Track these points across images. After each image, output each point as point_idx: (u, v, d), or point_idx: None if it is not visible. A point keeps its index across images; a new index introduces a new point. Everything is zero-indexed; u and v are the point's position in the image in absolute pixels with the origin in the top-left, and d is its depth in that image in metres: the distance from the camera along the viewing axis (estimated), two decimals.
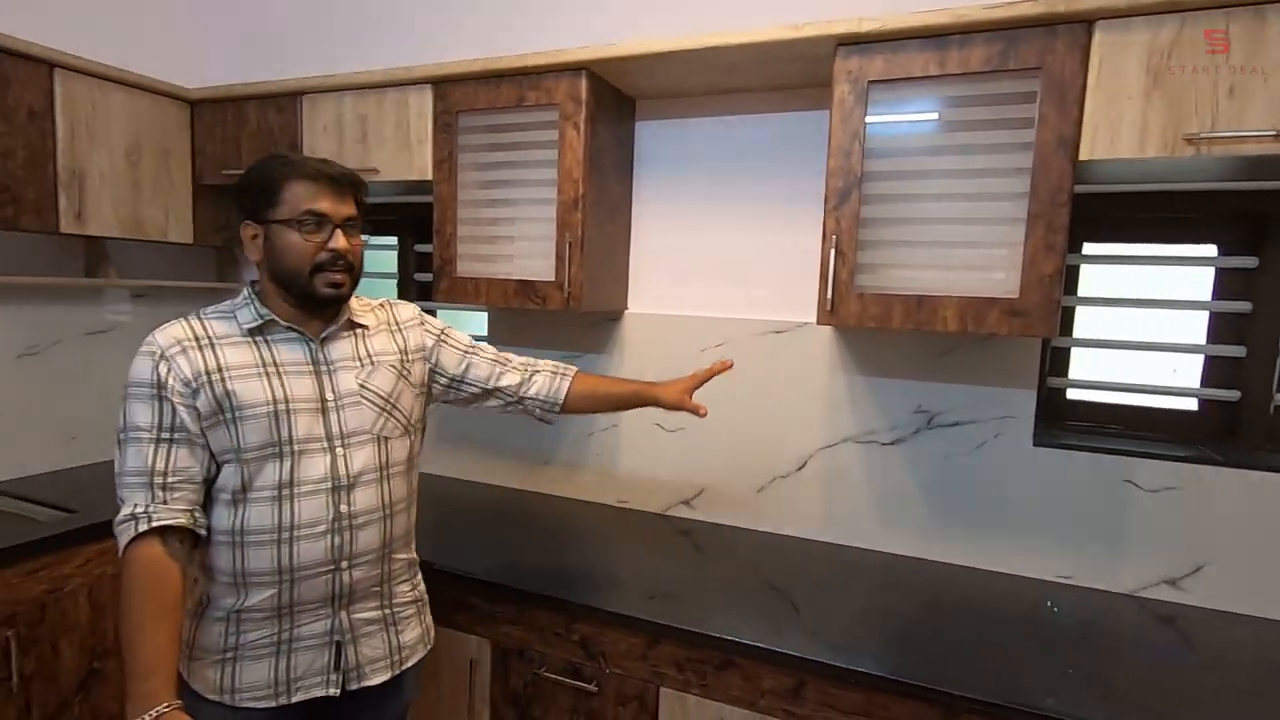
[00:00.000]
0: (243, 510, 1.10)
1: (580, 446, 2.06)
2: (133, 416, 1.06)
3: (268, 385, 1.11)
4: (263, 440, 1.09)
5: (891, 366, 1.72)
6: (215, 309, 1.17)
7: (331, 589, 1.15)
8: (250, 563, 1.10)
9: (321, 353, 1.17)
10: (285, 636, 1.13)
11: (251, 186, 1.12)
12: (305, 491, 1.12)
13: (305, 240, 1.10)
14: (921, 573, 1.64)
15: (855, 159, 1.42)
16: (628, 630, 1.39)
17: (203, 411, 1.07)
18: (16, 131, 1.75)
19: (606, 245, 1.83)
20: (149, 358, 1.07)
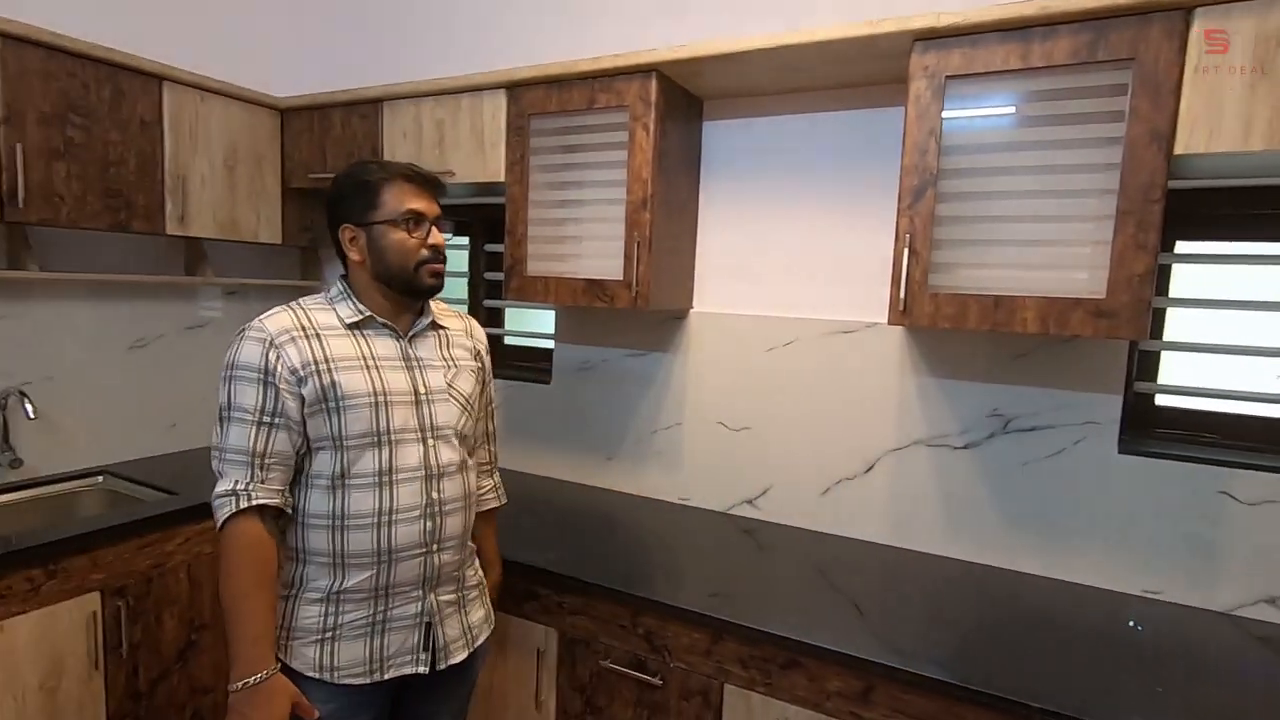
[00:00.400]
0: (343, 495, 1.15)
1: (643, 443, 2.09)
2: (239, 397, 1.11)
3: (368, 377, 1.17)
4: (364, 429, 1.15)
5: (965, 368, 1.68)
6: (313, 300, 1.22)
7: (423, 571, 1.21)
8: (351, 545, 1.16)
9: (410, 348, 1.24)
10: (380, 617, 1.19)
11: (349, 192, 1.19)
12: (403, 479, 1.18)
13: (410, 237, 1.19)
14: (994, 581, 1.59)
15: (931, 156, 1.40)
16: (691, 625, 1.41)
17: (307, 399, 1.13)
18: (130, 141, 1.89)
19: (673, 244, 1.85)
20: (259, 343, 1.12)
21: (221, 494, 1.10)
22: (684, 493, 2.04)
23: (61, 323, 2.03)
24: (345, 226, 1.19)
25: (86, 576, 1.63)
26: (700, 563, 1.65)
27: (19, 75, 1.67)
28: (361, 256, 1.20)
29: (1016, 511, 1.64)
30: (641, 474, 2.10)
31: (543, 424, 2.25)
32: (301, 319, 1.17)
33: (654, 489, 2.08)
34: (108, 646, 1.68)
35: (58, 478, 2.02)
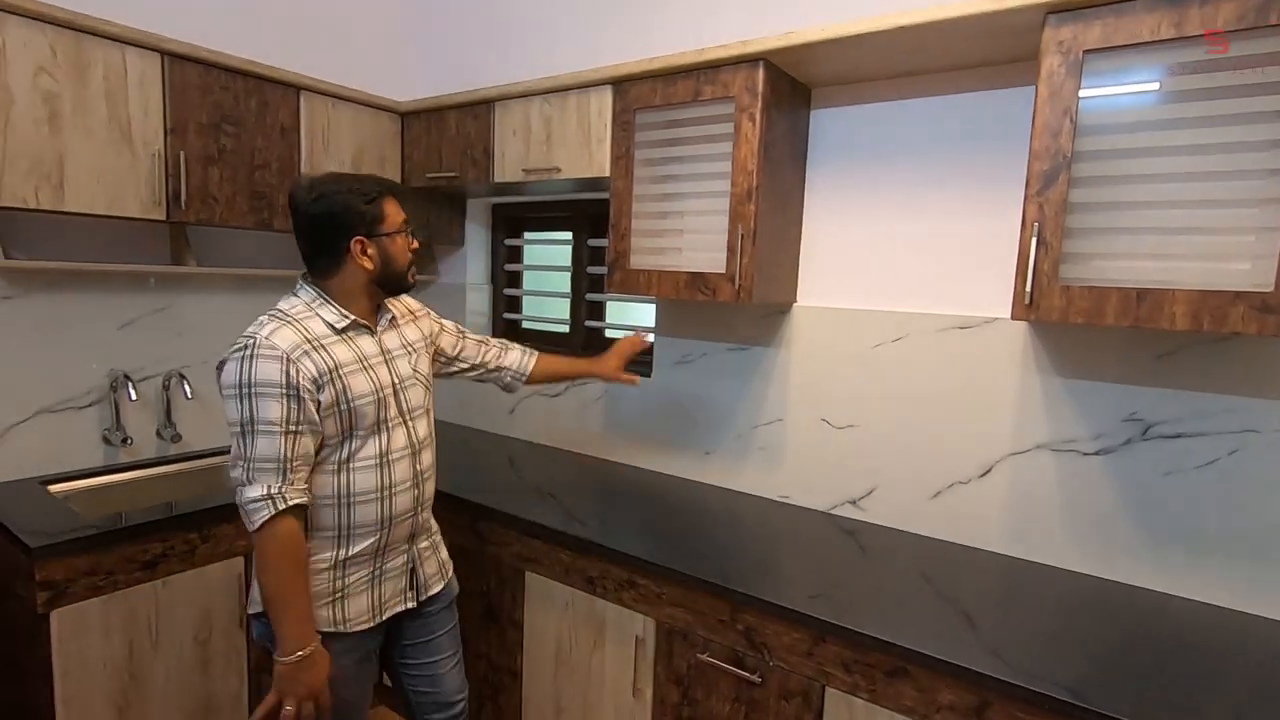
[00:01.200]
0: (348, 476, 1.32)
1: (744, 439, 2.06)
2: (264, 412, 1.20)
3: (368, 377, 1.33)
4: (371, 421, 1.33)
5: (1097, 368, 1.55)
6: (294, 309, 1.30)
7: (411, 529, 1.44)
8: (356, 517, 1.34)
9: (381, 343, 1.40)
10: (378, 572, 1.40)
11: (358, 210, 1.30)
12: (396, 458, 1.38)
13: (406, 244, 1.38)
14: (1131, 600, 1.47)
15: (1065, 138, 1.29)
16: (792, 624, 1.38)
17: (323, 403, 1.26)
18: (273, 146, 2.07)
19: (777, 237, 1.81)
20: (276, 360, 1.21)
21: (256, 499, 1.20)
22: (784, 490, 2.00)
23: (212, 312, 2.25)
24: (358, 239, 1.31)
25: (233, 542, 1.81)
26: (801, 562, 1.61)
27: (182, 89, 1.86)
28: (374, 265, 1.33)
29: (1158, 526, 1.50)
30: (741, 470, 2.08)
31: (642, 417, 2.28)
32: (301, 331, 1.26)
33: (753, 485, 2.06)
34: None
35: (209, 452, 2.24)
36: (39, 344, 1.90)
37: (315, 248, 1.32)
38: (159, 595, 1.68)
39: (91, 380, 2.00)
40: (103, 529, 1.59)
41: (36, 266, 1.80)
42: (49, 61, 1.63)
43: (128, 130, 1.77)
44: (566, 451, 2.45)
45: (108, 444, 2.04)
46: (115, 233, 1.98)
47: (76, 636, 1.56)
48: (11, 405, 1.87)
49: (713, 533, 1.77)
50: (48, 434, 1.93)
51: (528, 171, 2.09)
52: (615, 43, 2.19)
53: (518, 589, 1.85)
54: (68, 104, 1.67)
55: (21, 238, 1.83)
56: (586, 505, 1.93)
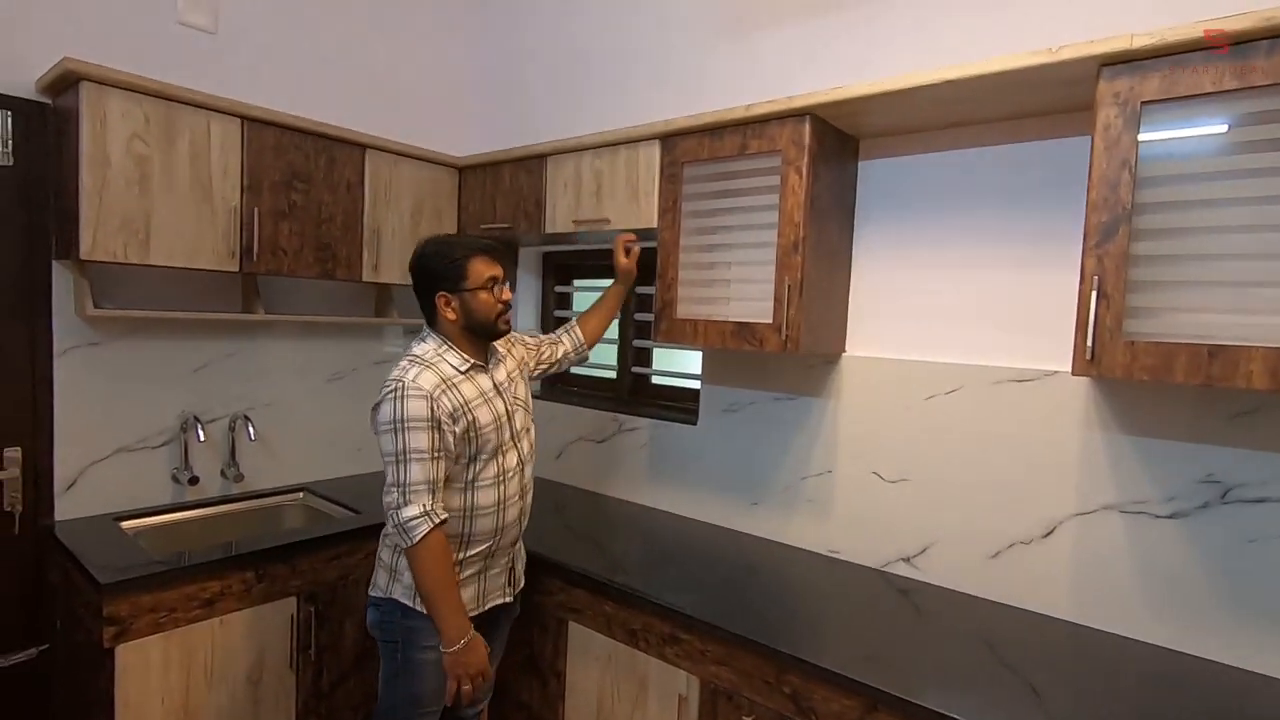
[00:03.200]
0: (472, 494, 1.54)
1: (792, 490, 2.02)
2: (415, 442, 1.43)
3: (490, 409, 1.55)
4: (493, 445, 1.55)
5: (1166, 426, 1.47)
6: (429, 353, 1.53)
7: (516, 535, 1.67)
8: (476, 527, 1.55)
9: (493, 378, 1.60)
10: (485, 568, 1.61)
11: (441, 268, 1.53)
12: (510, 476, 1.60)
13: (493, 298, 1.55)
14: (1212, 678, 1.36)
15: (1124, 190, 1.26)
16: (842, 690, 1.33)
17: (458, 433, 1.48)
18: (339, 200, 2.18)
19: (825, 287, 1.80)
20: (423, 399, 1.43)
21: (416, 516, 1.42)
22: (833, 545, 1.94)
23: (277, 357, 2.36)
24: (441, 294, 1.53)
25: (287, 582, 1.86)
26: (851, 622, 1.56)
27: (259, 151, 1.99)
28: (456, 316, 1.54)
29: (1242, 597, 1.39)
30: (788, 522, 2.03)
31: (687, 465, 2.26)
32: (438, 374, 1.48)
33: (801, 538, 2.01)
34: (299, 647, 1.88)
35: (268, 492, 2.32)
36: (121, 386, 2.02)
37: (418, 299, 1.58)
38: (216, 634, 1.73)
39: (165, 421, 2.11)
40: (167, 566, 1.66)
41: (122, 315, 1.92)
42: (142, 129, 1.77)
43: (208, 189, 1.89)
44: (611, 498, 2.44)
45: (176, 482, 2.13)
46: (191, 282, 2.11)
47: (138, 672, 1.61)
48: (94, 444, 1.98)
49: (759, 587, 1.73)
50: (124, 472, 2.04)
51: (578, 223, 2.14)
52: (664, 99, 2.25)
53: (560, 639, 1.84)
54: (156, 166, 1.80)
55: (107, 288, 1.97)
56: (630, 554, 1.92)
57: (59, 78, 1.72)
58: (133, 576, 1.60)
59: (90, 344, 1.95)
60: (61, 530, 1.86)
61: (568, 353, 1.96)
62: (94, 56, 1.79)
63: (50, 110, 1.85)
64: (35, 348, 1.87)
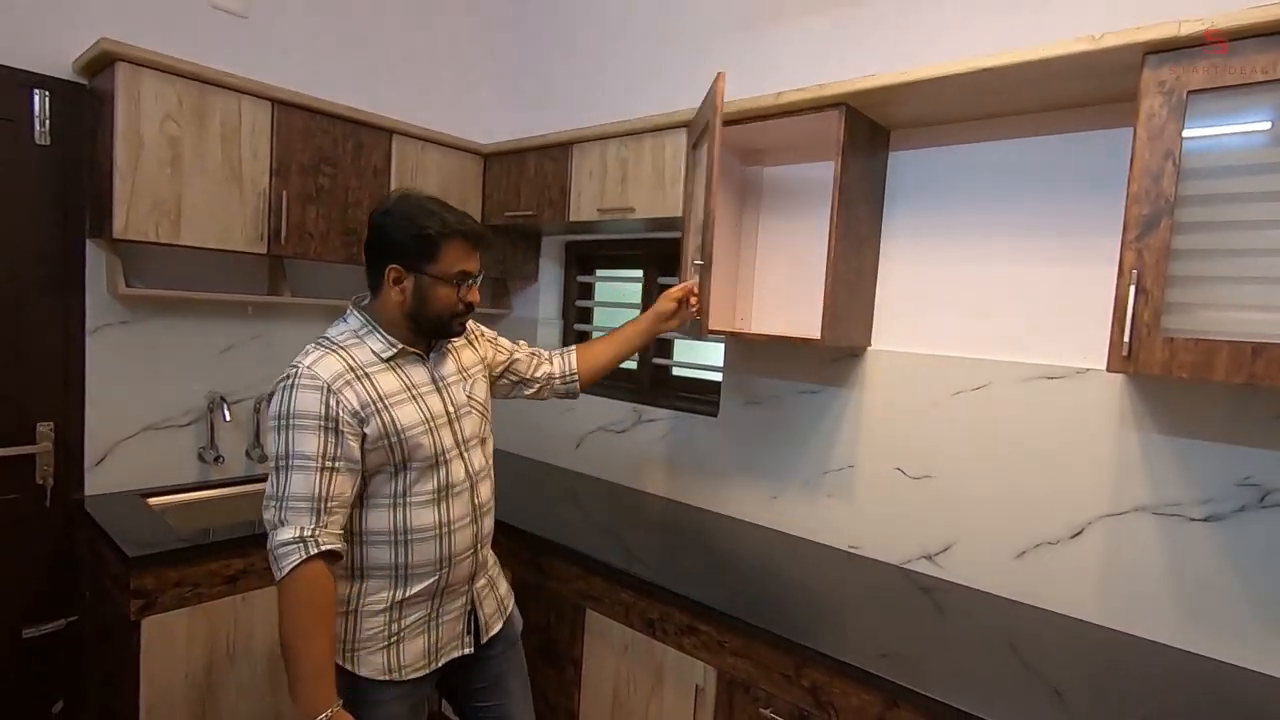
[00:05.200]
0: (404, 512, 1.24)
1: (813, 484, 2.00)
2: (299, 445, 1.13)
3: (418, 406, 1.25)
4: (426, 454, 1.25)
5: (1203, 426, 1.43)
6: (342, 335, 1.25)
7: (471, 568, 1.35)
8: (415, 556, 1.25)
9: (435, 371, 1.32)
10: (435, 615, 1.31)
11: (408, 239, 1.21)
12: (456, 492, 1.30)
13: (454, 294, 1.26)
14: (1239, 683, 1.32)
15: (1167, 181, 1.22)
16: (862, 685, 1.31)
17: (369, 436, 1.18)
18: (365, 185, 2.19)
19: (853, 279, 1.78)
20: (316, 390, 1.14)
21: (287, 541, 1.10)
22: (854, 540, 1.92)
23: (303, 339, 2.34)
24: (394, 267, 1.22)
25: None
26: (871, 618, 1.54)
27: (287, 134, 2.00)
28: (403, 298, 1.24)
29: (1278, 603, 1.35)
30: (809, 516, 2.01)
31: (707, 457, 2.25)
32: (347, 360, 1.20)
33: (821, 533, 1.99)
34: None
35: None
36: (150, 365, 2.05)
37: (367, 261, 1.27)
38: (238, 610, 1.75)
39: (192, 400, 2.14)
40: (192, 543, 1.68)
41: (153, 294, 1.95)
42: (175, 110, 1.79)
43: (238, 171, 1.91)
44: (630, 488, 2.44)
45: (202, 461, 2.16)
46: (219, 264, 2.13)
47: (162, 645, 1.64)
48: (123, 421, 2.01)
49: (778, 581, 1.72)
50: (151, 449, 2.07)
51: (602, 211, 2.13)
52: (690, 88, 2.23)
53: (577, 626, 1.84)
54: (188, 148, 1.82)
55: (138, 267, 2.00)
56: (649, 544, 1.91)
57: (95, 58, 1.74)
58: (159, 551, 1.62)
59: (122, 322, 1.98)
60: (91, 504, 1.89)
61: (550, 377, 1.61)
62: (130, 38, 1.81)
63: (87, 91, 1.87)
64: (68, 324, 1.90)
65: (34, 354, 1.86)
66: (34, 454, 1.87)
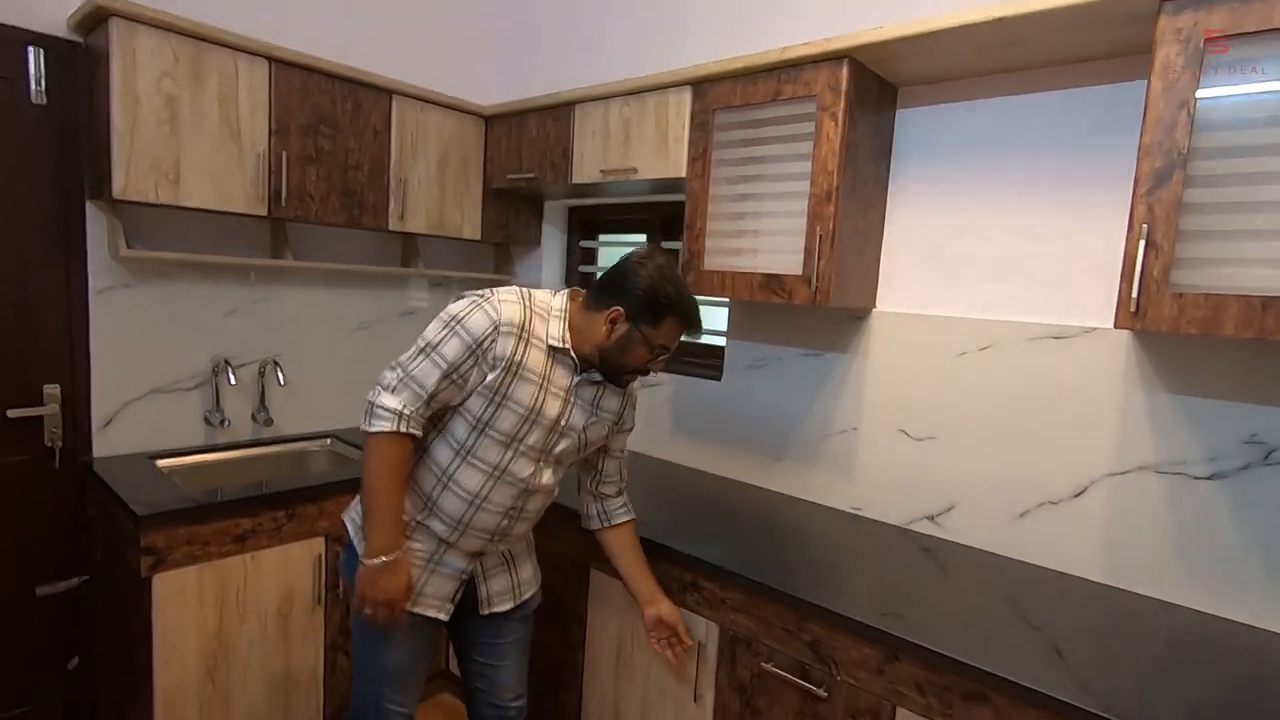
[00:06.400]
0: (460, 463, 1.34)
1: (815, 447, 2.01)
2: (446, 347, 1.27)
3: (538, 395, 1.33)
4: (506, 430, 1.32)
5: (1210, 384, 1.42)
6: (539, 300, 1.35)
7: (481, 547, 1.42)
8: (443, 502, 1.36)
9: (574, 385, 1.38)
10: (437, 559, 1.39)
11: (646, 296, 1.30)
12: (508, 480, 1.36)
13: (647, 359, 1.36)
14: (1242, 640, 1.33)
15: (1180, 133, 1.20)
16: (863, 639, 1.32)
17: (487, 380, 1.29)
18: (365, 147, 2.17)
19: (858, 240, 1.76)
20: (489, 322, 1.27)
21: (389, 408, 1.26)
22: (857, 502, 1.93)
23: (305, 305, 2.38)
24: (619, 310, 1.31)
25: (315, 522, 1.90)
26: (873, 577, 1.55)
27: (286, 94, 1.97)
28: (607, 336, 1.33)
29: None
30: (811, 479, 2.02)
31: (711, 421, 2.25)
32: (526, 321, 1.30)
33: (824, 495, 2.00)
34: (326, 585, 1.93)
35: (296, 437, 2.36)
36: (154, 329, 2.05)
37: (602, 284, 1.35)
38: (248, 568, 1.78)
39: (197, 365, 2.15)
40: (201, 502, 1.70)
41: (155, 257, 1.94)
42: (171, 67, 1.77)
43: (237, 131, 1.89)
44: (632, 452, 2.45)
45: (208, 424, 2.18)
46: (221, 228, 2.12)
47: (174, 601, 1.66)
48: (129, 384, 2.02)
49: (780, 541, 1.73)
50: (158, 412, 2.08)
51: (605, 172, 2.11)
52: (695, 44, 2.19)
53: (582, 585, 1.86)
54: (186, 106, 1.80)
55: (139, 230, 1.99)
56: (651, 506, 1.92)
57: (89, 14, 1.71)
58: (169, 509, 1.64)
59: (124, 285, 1.98)
60: (100, 466, 1.91)
61: (602, 495, 1.58)
62: None
63: (82, 50, 1.84)
64: (71, 287, 1.90)
65: (38, 317, 1.86)
66: (42, 416, 1.88)
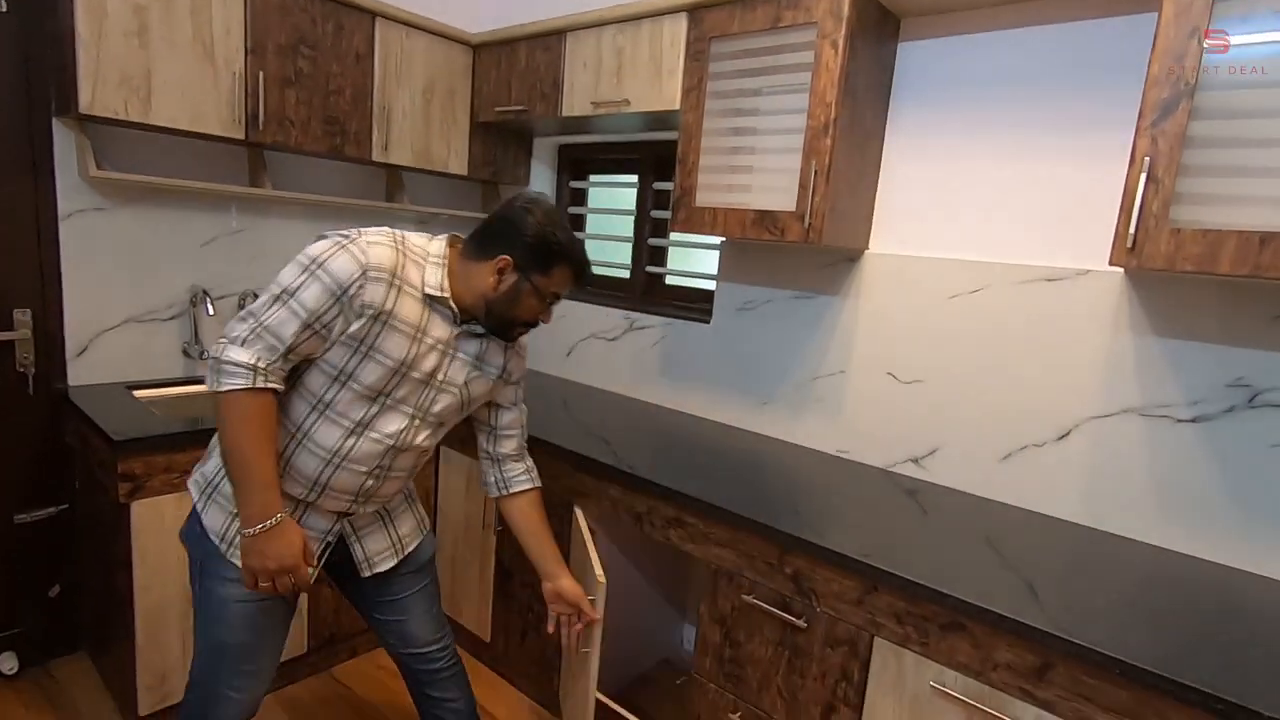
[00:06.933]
0: (316, 420, 1.20)
1: (802, 390, 2.00)
2: (306, 293, 1.12)
3: (410, 348, 1.20)
4: (371, 383, 1.19)
5: (1201, 327, 1.42)
6: (414, 244, 1.22)
7: (345, 508, 1.29)
8: (296, 460, 1.21)
9: (455, 337, 1.26)
10: (298, 520, 1.24)
11: (534, 243, 1.20)
12: (374, 438, 1.23)
13: (538, 310, 1.27)
14: (1216, 579, 1.36)
15: (1190, 62, 1.16)
16: (843, 571, 1.33)
17: (350, 331, 1.15)
18: (347, 72, 2.08)
19: (853, 177, 1.72)
20: (355, 266, 1.12)
21: (240, 363, 1.10)
22: (842, 445, 1.94)
23: (285, 237, 2.31)
24: (506, 258, 1.21)
25: None
26: (855, 517, 1.56)
27: (262, 10, 1.88)
28: (495, 287, 1.22)
29: (1258, 503, 1.37)
30: (798, 422, 2.02)
31: (698, 364, 2.24)
32: (398, 265, 1.17)
33: (810, 438, 2.00)
34: None
35: None
36: (128, 256, 1.99)
37: (485, 231, 1.24)
38: None
39: (174, 294, 2.09)
40: (179, 430, 1.67)
41: (127, 179, 1.87)
42: None
43: (210, 48, 1.80)
44: (620, 396, 2.44)
45: (187, 356, 2.13)
46: (197, 154, 2.04)
47: (153, 528, 1.65)
48: (103, 311, 1.97)
49: (764, 481, 1.73)
50: (134, 342, 2.04)
51: (596, 105, 2.04)
52: None
53: (566, 523, 1.86)
54: (155, 18, 1.71)
55: (111, 153, 1.91)
56: (637, 446, 1.92)
57: None
58: (146, 435, 1.61)
59: (96, 209, 1.91)
60: (75, 394, 1.87)
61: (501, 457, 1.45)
62: None
63: None
64: (40, 209, 1.83)
65: (5, 239, 1.79)
66: (13, 340, 1.83)
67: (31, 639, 1.95)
